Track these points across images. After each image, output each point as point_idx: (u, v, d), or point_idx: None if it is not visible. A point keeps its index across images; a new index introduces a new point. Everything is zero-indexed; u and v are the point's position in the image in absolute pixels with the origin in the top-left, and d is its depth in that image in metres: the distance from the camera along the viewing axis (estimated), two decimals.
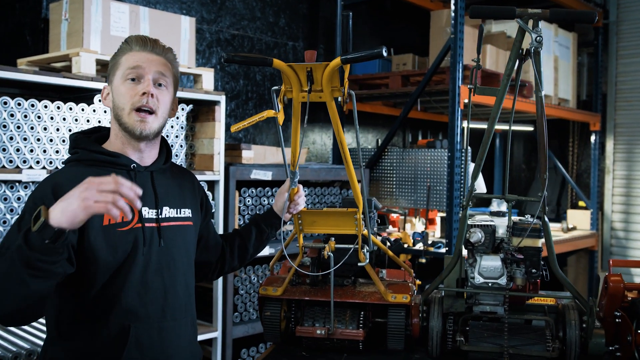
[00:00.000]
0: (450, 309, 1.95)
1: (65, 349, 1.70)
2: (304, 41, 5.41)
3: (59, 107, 3.01)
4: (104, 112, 3.14)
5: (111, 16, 3.24)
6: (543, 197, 1.85)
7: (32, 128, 2.91)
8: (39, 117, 2.94)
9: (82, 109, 3.09)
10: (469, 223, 1.93)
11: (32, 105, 2.92)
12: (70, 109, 3.05)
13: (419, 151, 4.77)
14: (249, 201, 3.88)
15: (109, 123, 1.88)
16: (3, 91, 3.13)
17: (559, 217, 6.89)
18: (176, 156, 3.51)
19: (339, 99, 1.73)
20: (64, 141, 3.00)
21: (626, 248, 6.56)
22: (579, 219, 6.37)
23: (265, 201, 3.96)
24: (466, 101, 2.89)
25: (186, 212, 1.89)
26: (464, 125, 4.17)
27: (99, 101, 3.11)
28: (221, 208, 3.62)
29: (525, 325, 1.94)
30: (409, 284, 2.06)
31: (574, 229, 6.25)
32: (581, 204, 6.67)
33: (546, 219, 1.90)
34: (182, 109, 3.55)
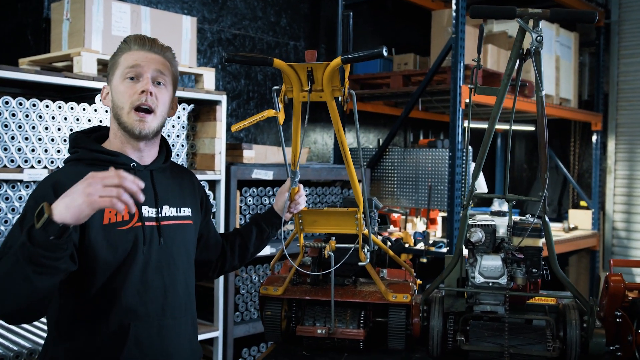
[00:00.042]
0: (450, 308, 1.95)
1: (65, 347, 1.70)
2: (305, 41, 5.41)
3: (60, 107, 3.01)
4: (105, 111, 3.15)
5: (112, 16, 3.24)
6: (543, 196, 1.85)
7: (33, 128, 2.92)
8: (40, 116, 2.94)
9: (84, 109, 3.09)
10: (470, 223, 1.93)
11: (34, 105, 2.92)
12: (72, 108, 3.05)
13: (420, 151, 4.77)
14: (250, 201, 3.89)
15: (110, 123, 1.89)
16: (5, 91, 3.14)
17: (560, 217, 6.89)
18: (177, 156, 3.51)
19: (340, 98, 1.74)
20: (65, 141, 3.00)
21: (628, 248, 6.56)
22: (581, 219, 6.37)
23: (267, 201, 3.96)
24: (467, 101, 2.89)
25: (186, 211, 1.90)
26: (465, 125, 4.16)
27: (100, 101, 3.11)
28: (222, 208, 3.63)
29: (525, 324, 1.94)
30: (410, 283, 2.06)
31: (575, 228, 6.24)
32: (583, 203, 6.67)
33: (547, 218, 1.90)
34: (184, 108, 3.55)
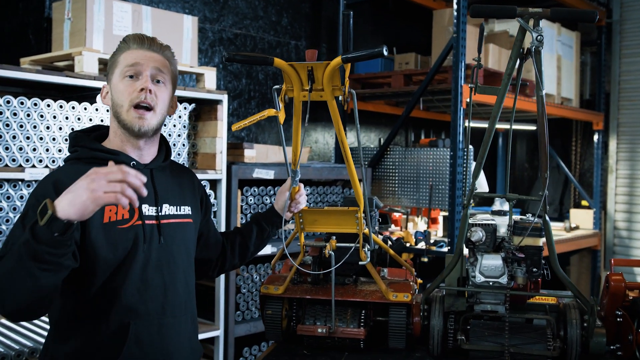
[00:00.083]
0: (451, 307, 1.95)
1: (66, 346, 1.70)
2: (306, 40, 5.41)
3: (61, 106, 3.02)
4: (107, 110, 3.15)
5: (114, 15, 3.25)
6: (544, 196, 1.85)
7: (34, 127, 2.92)
8: (41, 116, 2.95)
9: (85, 108, 3.10)
10: (470, 222, 1.93)
11: (35, 104, 2.93)
12: (73, 108, 3.06)
13: (422, 150, 4.77)
14: (251, 200, 3.89)
15: (110, 122, 1.89)
16: (6, 90, 3.14)
17: (561, 216, 6.88)
18: (178, 155, 3.52)
19: (340, 98, 1.74)
20: (66, 140, 3.00)
21: (629, 247, 6.55)
22: (582, 219, 6.36)
23: (268, 200, 3.97)
24: (468, 100, 2.89)
25: (186, 210, 1.90)
26: (466, 125, 4.16)
27: (100, 100, 3.12)
28: (223, 207, 3.63)
29: (526, 324, 1.94)
30: (410, 282, 2.06)
31: (576, 228, 6.23)
32: (584, 203, 6.66)
33: (547, 218, 1.90)
34: (185, 108, 3.55)
